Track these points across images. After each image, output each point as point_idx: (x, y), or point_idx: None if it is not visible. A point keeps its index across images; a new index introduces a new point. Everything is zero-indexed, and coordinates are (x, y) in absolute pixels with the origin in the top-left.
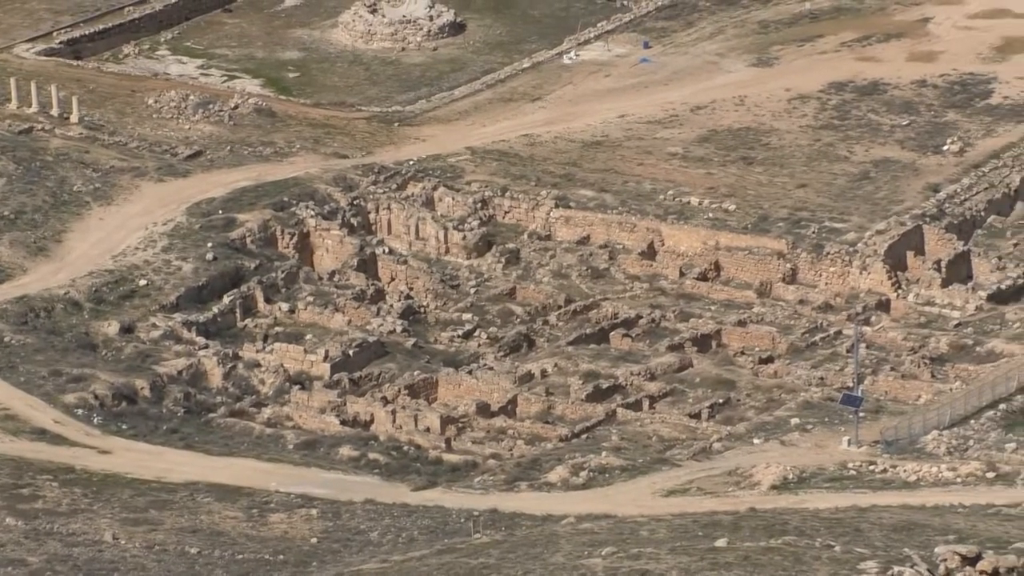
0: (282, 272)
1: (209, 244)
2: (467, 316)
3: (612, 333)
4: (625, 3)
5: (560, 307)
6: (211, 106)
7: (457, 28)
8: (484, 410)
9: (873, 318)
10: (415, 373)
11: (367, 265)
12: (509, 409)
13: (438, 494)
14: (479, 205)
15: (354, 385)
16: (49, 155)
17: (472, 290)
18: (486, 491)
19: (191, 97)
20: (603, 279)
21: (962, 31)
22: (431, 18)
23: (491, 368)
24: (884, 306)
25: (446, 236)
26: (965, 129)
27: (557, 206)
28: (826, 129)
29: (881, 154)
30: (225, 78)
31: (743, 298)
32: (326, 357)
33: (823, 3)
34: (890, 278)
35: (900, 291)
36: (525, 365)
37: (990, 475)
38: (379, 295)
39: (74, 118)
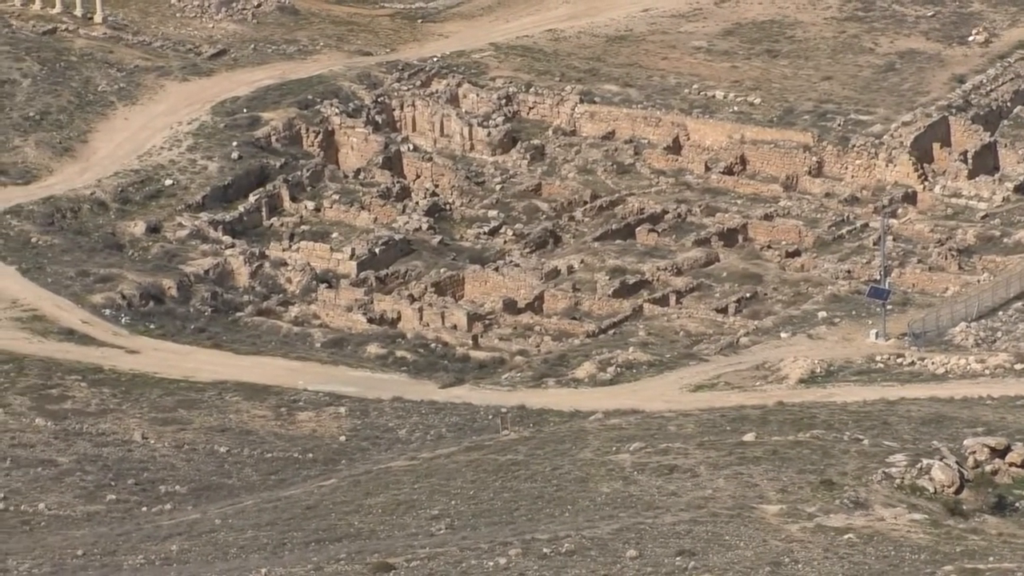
0: (307, 170)
1: (234, 143)
2: (493, 213)
3: (638, 228)
4: None
5: (586, 203)
6: (234, 4)
7: None
8: (511, 307)
9: (900, 210)
10: (441, 270)
11: (392, 163)
12: (536, 305)
13: (466, 391)
14: (503, 101)
15: (380, 283)
16: (74, 55)
17: (497, 187)
18: (513, 388)
19: None
20: (628, 174)
21: None
22: None
23: (517, 265)
24: (911, 198)
25: (471, 133)
26: (990, 19)
27: (582, 101)
28: (850, 21)
29: (906, 45)
30: None
31: (769, 192)
32: (352, 255)
33: None
34: (916, 170)
35: (926, 183)
36: (551, 261)
37: (1019, 367)
38: (404, 192)
39: (98, 18)
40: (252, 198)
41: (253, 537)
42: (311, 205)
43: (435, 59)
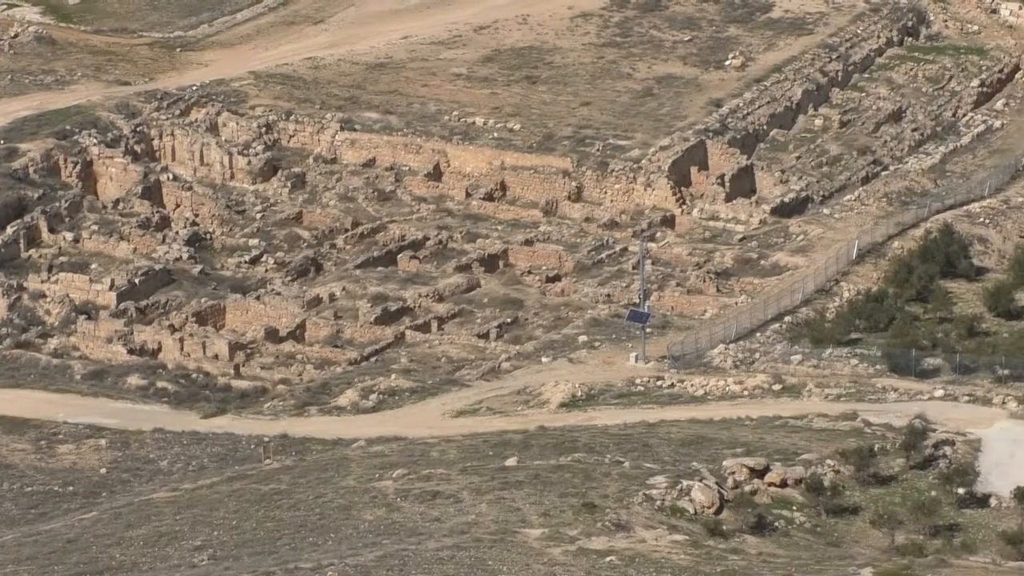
0: (66, 201)
1: None
2: (254, 241)
3: (400, 255)
4: None
5: (347, 230)
6: None
7: None
8: (273, 335)
9: (658, 234)
10: (202, 300)
11: (152, 192)
12: (298, 334)
13: (228, 421)
14: (264, 129)
15: (141, 313)
16: None
17: (258, 215)
18: (276, 416)
19: None
20: (390, 201)
21: None
22: None
23: (279, 293)
24: (669, 222)
25: (231, 161)
26: (747, 44)
27: (342, 129)
28: (609, 47)
29: (664, 70)
30: (4, 6)
31: (529, 217)
32: (112, 286)
33: None
34: (674, 194)
35: (685, 207)
36: (313, 289)
37: (776, 387)
38: (164, 222)
39: None
40: (10, 230)
41: (14, 572)
42: (70, 236)
43: (194, 88)
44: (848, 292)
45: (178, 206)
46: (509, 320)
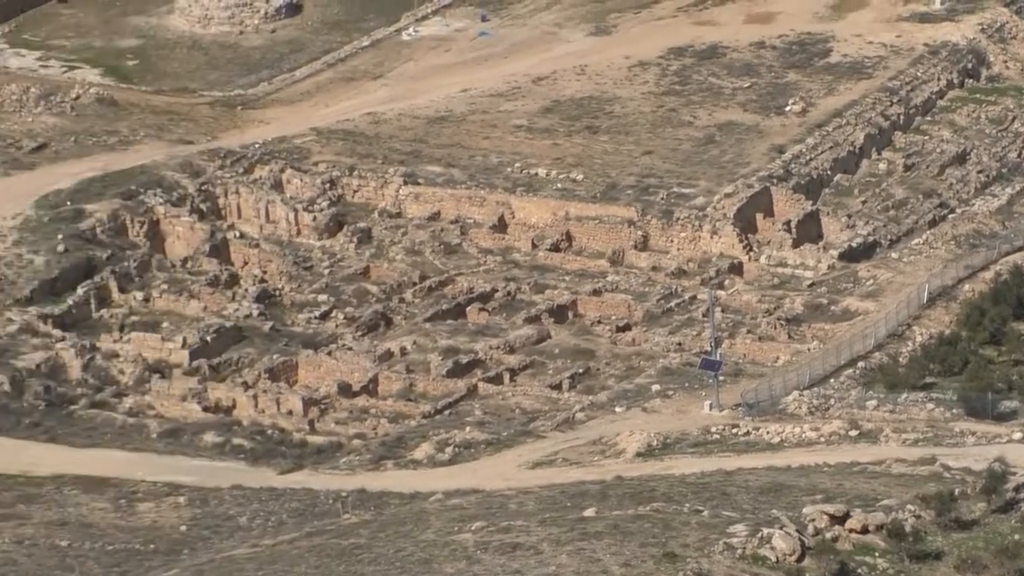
0: (135, 261)
1: (59, 236)
2: (322, 297)
3: (468, 308)
4: None
5: (415, 284)
6: (53, 98)
7: (294, 9)
8: (345, 390)
9: (727, 281)
10: (274, 356)
11: (219, 250)
12: (370, 388)
13: (305, 476)
14: (327, 185)
15: (214, 371)
16: None
17: (326, 271)
18: (352, 471)
19: (32, 89)
20: (456, 254)
21: None
22: (268, 0)
23: (350, 348)
24: (737, 269)
25: (296, 218)
26: (806, 89)
27: (406, 183)
28: (668, 95)
29: (724, 117)
30: (65, 69)
31: (596, 267)
32: (184, 344)
33: None
34: (741, 241)
35: (752, 253)
36: (384, 343)
37: (853, 433)
38: (233, 280)
39: None
40: (80, 290)
41: None
42: (140, 295)
43: (257, 145)
44: (920, 336)
45: (246, 263)
46: (581, 370)
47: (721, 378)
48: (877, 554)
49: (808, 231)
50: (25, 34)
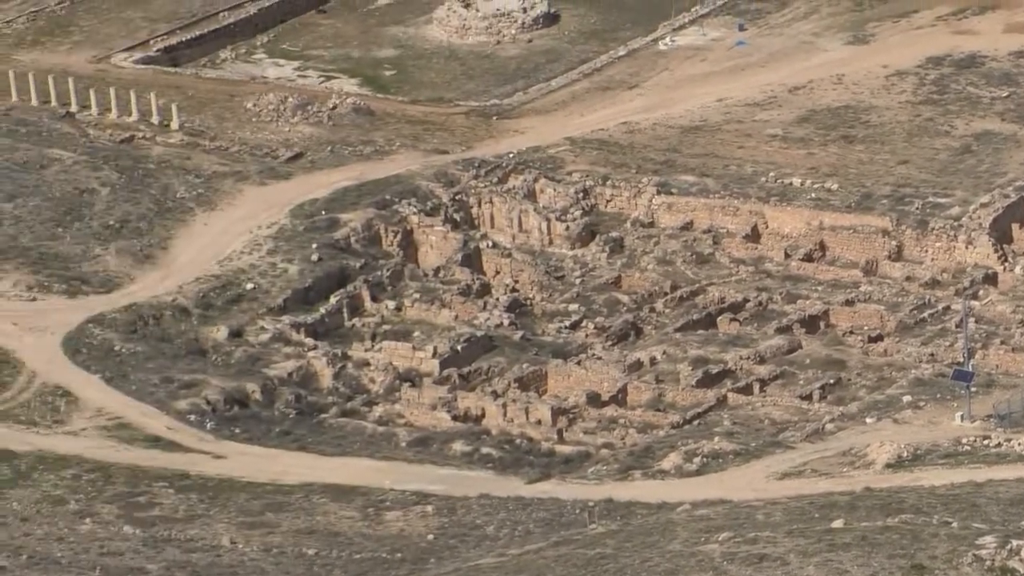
0: (387, 270)
1: (314, 245)
2: (573, 307)
3: (719, 318)
4: None
5: (666, 294)
6: (309, 107)
7: (551, 19)
8: (594, 400)
9: (981, 292)
10: (524, 366)
11: (471, 260)
12: (619, 398)
13: (552, 486)
14: (581, 195)
15: (463, 380)
16: (151, 163)
17: (577, 280)
18: (600, 481)
19: (289, 99)
20: (708, 264)
21: None
22: (525, 10)
23: (600, 358)
24: (991, 279)
25: (549, 227)
26: None
27: (659, 192)
28: (925, 104)
29: (982, 127)
30: (322, 79)
31: (849, 277)
32: (435, 353)
33: None
34: (996, 251)
35: (1007, 264)
36: (634, 353)
37: None
38: (485, 289)
39: (174, 125)
40: (333, 300)
41: None
42: (392, 305)
43: (511, 155)
44: None
45: (498, 273)
46: (832, 381)
47: (973, 389)
48: None
49: None
50: (284, 44)
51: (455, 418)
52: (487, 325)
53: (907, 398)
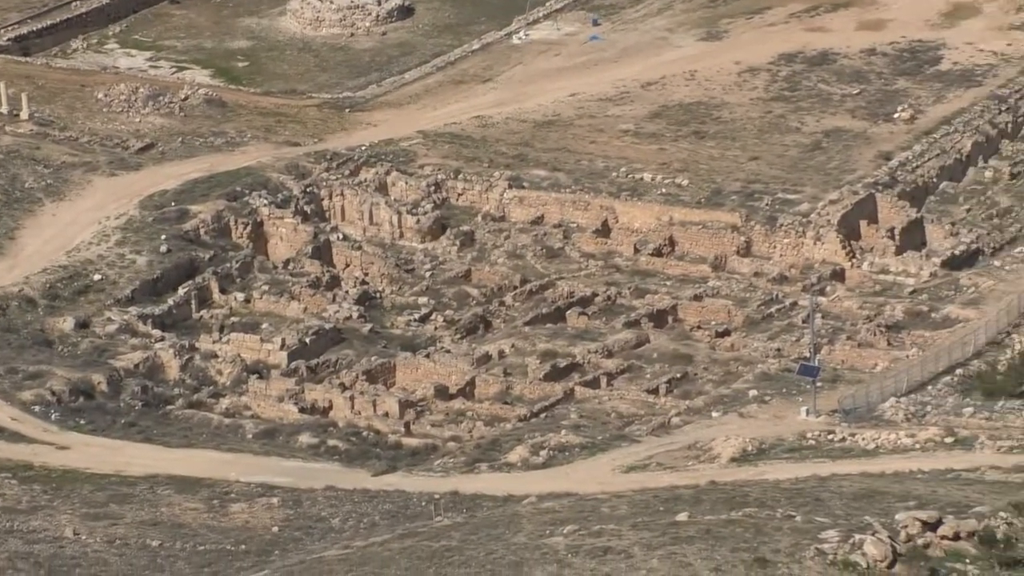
0: (236, 262)
1: (163, 236)
2: (423, 300)
3: (568, 312)
4: None
5: (516, 288)
6: (161, 98)
7: (406, 12)
8: (442, 393)
9: (828, 288)
10: (372, 358)
11: (322, 252)
12: (467, 391)
13: (398, 478)
14: (432, 188)
15: (312, 372)
16: (0, 153)
17: (427, 274)
18: (446, 474)
19: (141, 90)
20: (558, 258)
21: None
22: (379, 3)
23: (448, 351)
24: (839, 275)
25: (400, 220)
26: (916, 96)
27: (510, 187)
28: (777, 101)
29: (832, 124)
30: (174, 69)
31: (698, 272)
32: (283, 345)
33: None
34: (844, 247)
35: (854, 260)
36: (482, 347)
37: (948, 440)
38: (334, 282)
39: (24, 115)
40: (181, 291)
41: None
42: (241, 297)
43: (363, 148)
44: (1020, 344)
45: (348, 265)
46: (679, 375)
47: (819, 384)
48: (968, 561)
49: (912, 238)
50: (136, 34)
51: (302, 410)
52: (336, 318)
53: (753, 392)
